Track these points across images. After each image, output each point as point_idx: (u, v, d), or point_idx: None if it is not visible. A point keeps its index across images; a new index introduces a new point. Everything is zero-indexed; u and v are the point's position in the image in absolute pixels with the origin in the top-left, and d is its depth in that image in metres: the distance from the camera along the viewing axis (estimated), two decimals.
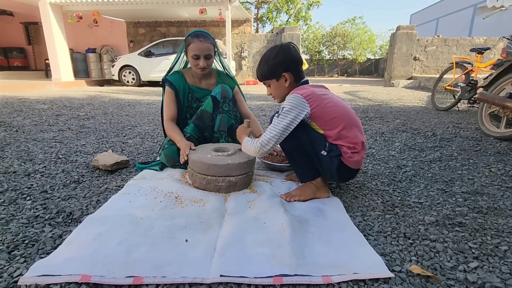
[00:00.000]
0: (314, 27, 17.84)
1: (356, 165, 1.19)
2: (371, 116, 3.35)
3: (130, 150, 1.99)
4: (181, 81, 1.61)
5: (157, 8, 8.01)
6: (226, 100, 1.55)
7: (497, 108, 2.34)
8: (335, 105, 1.17)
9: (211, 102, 1.54)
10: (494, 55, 8.31)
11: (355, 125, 1.19)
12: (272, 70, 1.22)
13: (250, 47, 9.88)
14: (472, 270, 0.81)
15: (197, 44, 1.48)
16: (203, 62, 1.51)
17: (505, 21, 12.04)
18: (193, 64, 1.54)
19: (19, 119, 2.92)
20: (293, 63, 1.22)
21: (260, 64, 1.26)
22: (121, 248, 0.86)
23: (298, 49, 1.26)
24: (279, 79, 1.23)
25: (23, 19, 10.45)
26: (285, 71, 1.21)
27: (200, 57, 1.50)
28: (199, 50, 1.48)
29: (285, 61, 1.21)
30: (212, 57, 1.55)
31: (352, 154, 1.15)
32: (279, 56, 1.20)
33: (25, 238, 0.93)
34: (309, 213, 1.12)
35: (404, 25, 8.64)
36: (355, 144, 1.16)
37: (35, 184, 1.37)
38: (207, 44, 1.50)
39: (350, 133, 1.16)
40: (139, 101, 4.68)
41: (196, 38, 1.49)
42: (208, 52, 1.51)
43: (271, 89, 1.28)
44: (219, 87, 1.56)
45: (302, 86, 1.21)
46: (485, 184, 1.43)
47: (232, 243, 0.90)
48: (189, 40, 1.51)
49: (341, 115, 1.16)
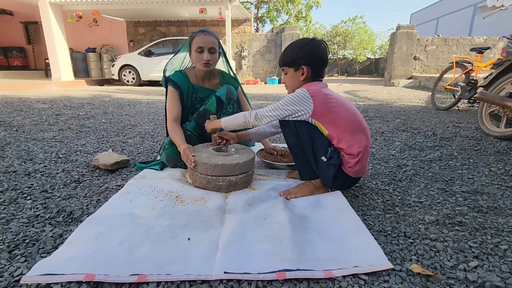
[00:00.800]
0: (314, 27, 17.84)
1: (357, 174, 1.18)
2: (371, 116, 3.35)
3: (130, 149, 2.00)
4: (185, 81, 1.59)
5: (157, 7, 8.01)
6: (230, 101, 1.55)
7: (497, 108, 2.34)
8: (340, 106, 1.16)
9: (215, 102, 1.53)
10: (494, 54, 8.31)
11: (361, 130, 1.17)
12: (294, 59, 1.21)
13: (250, 47, 9.87)
14: (472, 269, 0.81)
15: (201, 36, 1.48)
16: (207, 55, 1.48)
17: (505, 21, 12.04)
18: (197, 59, 1.51)
19: (19, 118, 2.92)
20: (316, 60, 1.21)
21: (287, 49, 1.24)
22: (123, 247, 0.87)
23: (328, 49, 1.25)
24: (297, 70, 1.22)
25: (23, 19, 10.45)
26: (305, 64, 1.20)
27: (204, 49, 1.48)
28: (203, 42, 1.47)
29: (309, 54, 1.19)
30: (216, 52, 1.54)
31: (355, 164, 1.14)
32: (306, 48, 1.19)
33: (26, 237, 0.94)
34: (308, 208, 1.14)
35: (404, 24, 8.63)
36: (358, 152, 1.13)
37: (36, 183, 1.37)
38: (211, 38, 1.49)
39: (354, 139, 1.14)
40: (139, 101, 4.68)
41: (201, 32, 1.50)
42: (212, 45, 1.49)
43: (286, 77, 1.28)
44: (225, 88, 1.56)
45: (312, 83, 1.21)
46: (485, 183, 1.43)
47: (234, 241, 0.91)
48: (193, 35, 1.51)
49: (346, 117, 1.16)
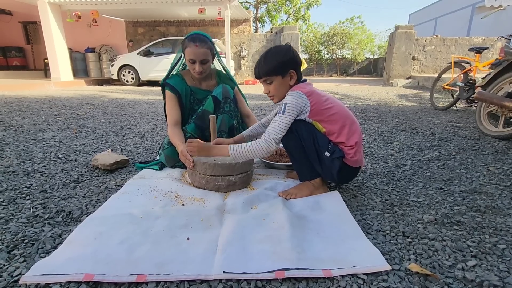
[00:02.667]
0: (313, 27, 17.85)
1: (357, 164, 1.22)
2: (370, 116, 3.35)
3: (129, 149, 1.99)
4: (182, 84, 1.58)
5: (156, 7, 8.00)
6: (227, 100, 1.55)
7: (495, 108, 2.35)
8: (332, 103, 1.21)
9: (212, 102, 1.53)
10: (492, 54, 8.33)
11: (353, 120, 1.23)
12: (280, 65, 1.20)
13: (249, 47, 9.87)
14: (470, 268, 0.82)
15: (193, 48, 1.44)
16: (199, 67, 1.48)
17: (503, 21, 12.08)
18: (190, 68, 1.53)
19: (18, 118, 2.91)
20: (297, 63, 1.24)
21: (266, 58, 1.21)
22: (122, 247, 0.87)
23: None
24: (285, 76, 1.22)
25: (22, 19, 10.42)
26: (292, 69, 1.22)
27: (196, 61, 1.47)
28: (194, 55, 1.45)
29: (293, 59, 1.21)
30: (209, 62, 1.52)
31: (354, 153, 1.19)
32: (289, 54, 1.20)
33: (25, 237, 0.94)
34: (306, 208, 1.14)
35: (403, 24, 8.64)
36: (356, 142, 1.19)
37: (35, 183, 1.37)
38: (203, 49, 1.46)
39: (350, 131, 1.19)
40: (138, 101, 4.68)
41: (193, 43, 1.45)
42: (204, 57, 1.47)
43: (272, 86, 1.24)
44: (220, 87, 1.56)
45: (301, 85, 1.23)
46: (483, 183, 1.44)
47: (233, 241, 0.91)
48: (186, 44, 1.48)
49: (340, 112, 1.20)
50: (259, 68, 1.24)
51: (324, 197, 1.23)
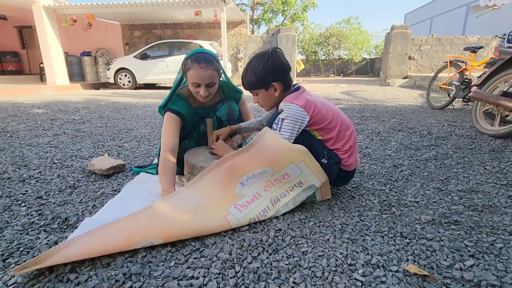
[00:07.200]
0: (310, 28, 17.91)
1: (352, 167, 1.24)
2: (367, 116, 3.36)
3: (126, 153, 1.98)
4: (188, 108, 1.38)
5: (152, 10, 7.99)
6: (230, 122, 1.48)
7: (491, 106, 2.36)
8: (327, 110, 1.19)
9: (215, 121, 1.45)
10: (487, 53, 8.40)
11: (348, 125, 1.23)
12: (260, 80, 1.17)
13: (246, 48, 9.88)
14: (468, 268, 0.82)
15: (198, 71, 1.23)
16: (205, 91, 1.27)
17: (497, 20, 12.18)
18: (193, 90, 1.31)
19: (14, 124, 2.89)
20: (282, 71, 1.18)
21: (247, 73, 1.19)
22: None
23: (283, 53, 1.23)
24: (268, 89, 1.20)
25: (17, 23, 10.39)
26: (274, 80, 1.18)
27: (201, 85, 1.26)
28: (199, 79, 1.24)
29: (273, 70, 1.16)
30: (216, 84, 1.32)
31: (348, 158, 1.20)
32: (267, 65, 1.15)
33: (20, 245, 0.92)
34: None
35: (399, 24, 8.70)
36: (350, 146, 1.20)
37: (30, 190, 1.36)
38: (209, 71, 1.24)
39: (345, 136, 1.20)
40: (135, 104, 4.66)
41: (197, 64, 1.23)
42: (211, 80, 1.26)
43: (259, 97, 1.24)
44: (226, 107, 1.45)
45: (295, 95, 1.19)
46: (480, 182, 1.44)
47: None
48: (189, 65, 1.25)
49: (335, 119, 1.20)
50: (243, 81, 1.24)
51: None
